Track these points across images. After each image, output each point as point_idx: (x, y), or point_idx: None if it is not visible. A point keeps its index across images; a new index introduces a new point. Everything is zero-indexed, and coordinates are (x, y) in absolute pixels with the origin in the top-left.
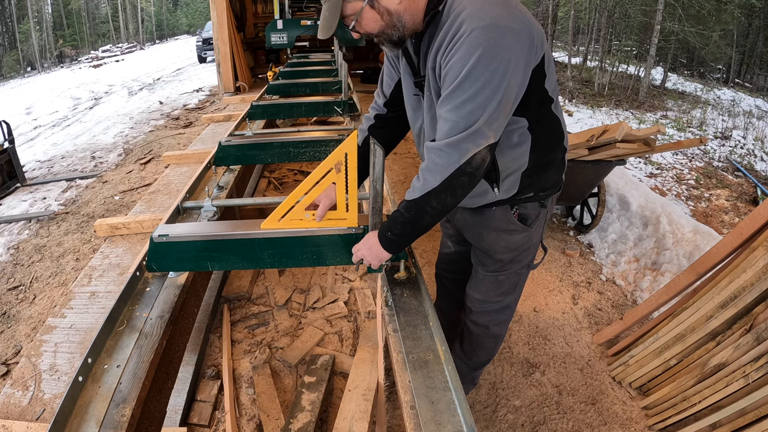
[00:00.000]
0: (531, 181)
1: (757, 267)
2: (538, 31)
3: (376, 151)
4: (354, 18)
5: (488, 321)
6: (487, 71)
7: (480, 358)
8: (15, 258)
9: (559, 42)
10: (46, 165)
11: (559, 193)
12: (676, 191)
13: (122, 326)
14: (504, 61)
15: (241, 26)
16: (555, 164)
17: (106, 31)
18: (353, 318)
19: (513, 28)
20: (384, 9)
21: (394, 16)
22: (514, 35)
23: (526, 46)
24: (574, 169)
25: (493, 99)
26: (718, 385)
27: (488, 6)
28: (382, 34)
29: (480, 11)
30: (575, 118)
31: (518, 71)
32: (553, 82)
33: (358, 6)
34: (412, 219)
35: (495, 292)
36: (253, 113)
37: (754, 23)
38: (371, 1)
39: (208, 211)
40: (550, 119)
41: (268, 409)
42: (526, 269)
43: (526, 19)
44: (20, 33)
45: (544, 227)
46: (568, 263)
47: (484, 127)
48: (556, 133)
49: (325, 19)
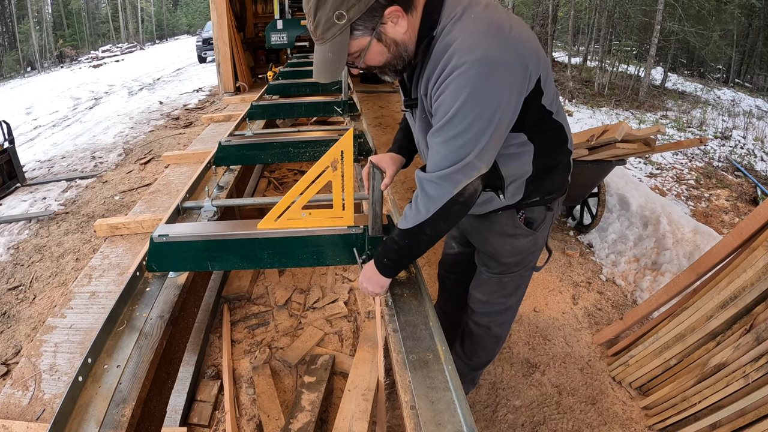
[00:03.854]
0: (536, 185)
1: (757, 267)
2: (533, 54)
3: (375, 174)
4: (360, 54)
5: (490, 322)
6: (477, 107)
7: (481, 358)
8: (15, 258)
9: (559, 42)
10: (46, 165)
11: (564, 195)
12: (676, 191)
13: (122, 326)
14: (495, 96)
15: (241, 26)
16: (560, 168)
17: (106, 31)
18: (353, 318)
19: (505, 59)
20: (391, 41)
21: (400, 47)
22: (506, 68)
23: (518, 77)
24: (575, 169)
25: (485, 134)
26: (718, 385)
27: (480, 36)
28: (388, 66)
29: (471, 42)
30: (575, 118)
31: (510, 104)
32: (551, 96)
33: (365, 41)
34: (406, 246)
35: (498, 293)
36: (253, 113)
37: (754, 23)
38: (378, 34)
39: (208, 211)
40: (551, 128)
41: (268, 409)
42: (530, 271)
43: (521, 47)
44: (20, 33)
45: (549, 230)
46: (568, 263)
47: (476, 160)
48: (559, 138)
49: (327, 61)
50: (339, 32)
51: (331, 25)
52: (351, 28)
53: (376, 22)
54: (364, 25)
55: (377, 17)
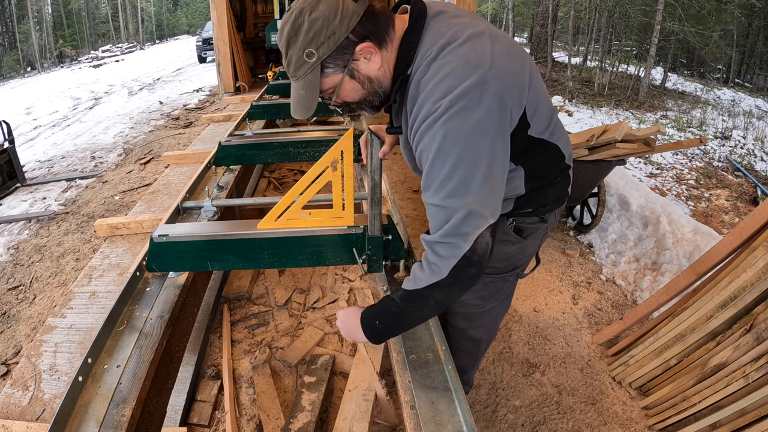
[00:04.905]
0: (527, 199)
1: (757, 267)
2: (516, 91)
3: (373, 141)
4: (333, 91)
5: (466, 324)
6: (456, 148)
7: (461, 361)
8: (15, 258)
9: (559, 42)
10: (46, 165)
11: (563, 207)
12: (676, 191)
13: (122, 326)
14: (473, 140)
15: (241, 26)
16: (556, 183)
17: (106, 31)
18: None
19: (481, 102)
20: (365, 77)
21: (375, 83)
22: (484, 111)
23: (496, 118)
24: (575, 169)
25: (473, 177)
26: (718, 385)
27: (453, 79)
28: (364, 102)
29: (444, 88)
30: (575, 118)
31: (493, 145)
32: (541, 125)
33: (337, 78)
34: (408, 311)
35: (476, 294)
36: (253, 113)
37: (754, 23)
38: (350, 71)
39: (208, 211)
40: (543, 151)
41: (268, 409)
42: (514, 277)
43: (500, 85)
44: (20, 33)
45: (543, 239)
46: (568, 263)
47: (476, 206)
48: (553, 158)
49: (302, 98)
50: (310, 70)
51: (302, 64)
52: (322, 66)
53: (347, 59)
54: (334, 63)
55: (348, 54)
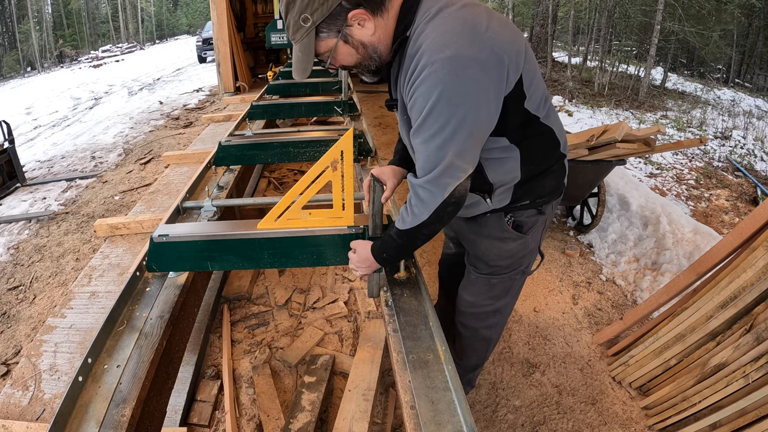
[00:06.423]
0: (526, 189)
1: (757, 267)
2: (513, 54)
3: (375, 188)
4: (329, 55)
5: (477, 324)
6: (450, 105)
7: (471, 360)
8: (15, 258)
9: (559, 42)
10: (46, 165)
11: (560, 198)
12: (676, 191)
13: (122, 326)
14: (468, 94)
15: (241, 26)
16: (552, 172)
17: (106, 31)
18: (353, 318)
19: (478, 58)
20: (358, 42)
21: (369, 48)
22: (480, 66)
23: (494, 76)
24: (574, 169)
25: (461, 132)
26: (718, 385)
27: (452, 35)
28: (360, 66)
29: (442, 42)
30: (575, 118)
31: (486, 102)
32: (537, 100)
33: (332, 42)
34: (404, 244)
35: (486, 295)
36: (253, 113)
37: (754, 23)
38: (344, 36)
39: (208, 211)
40: (539, 132)
41: (268, 409)
42: (521, 275)
43: (496, 45)
44: (20, 33)
45: (543, 233)
46: (568, 263)
47: (458, 160)
48: (549, 143)
49: (299, 60)
50: (305, 34)
51: (298, 28)
52: (316, 30)
53: (340, 25)
54: (328, 28)
55: (341, 20)
